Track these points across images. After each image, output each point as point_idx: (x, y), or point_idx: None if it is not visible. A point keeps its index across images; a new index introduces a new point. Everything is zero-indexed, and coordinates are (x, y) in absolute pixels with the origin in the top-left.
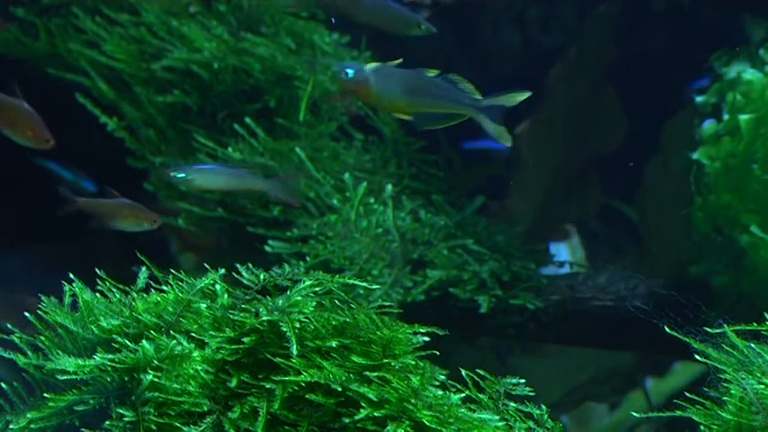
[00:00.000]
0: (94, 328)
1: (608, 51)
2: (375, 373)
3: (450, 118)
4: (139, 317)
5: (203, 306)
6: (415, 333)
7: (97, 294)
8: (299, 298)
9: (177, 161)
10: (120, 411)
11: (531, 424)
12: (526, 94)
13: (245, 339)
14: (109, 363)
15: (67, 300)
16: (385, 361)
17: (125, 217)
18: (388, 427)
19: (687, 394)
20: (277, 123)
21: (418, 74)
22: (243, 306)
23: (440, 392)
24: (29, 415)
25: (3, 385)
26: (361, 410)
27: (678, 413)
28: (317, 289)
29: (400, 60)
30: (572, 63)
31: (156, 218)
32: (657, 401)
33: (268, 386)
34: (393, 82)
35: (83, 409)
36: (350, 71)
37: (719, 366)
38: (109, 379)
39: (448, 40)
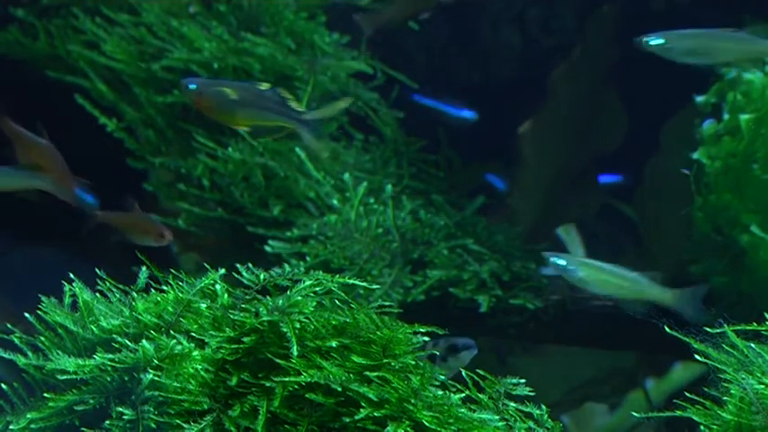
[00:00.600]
0: (94, 328)
1: (610, 51)
2: (375, 373)
3: (279, 130)
4: (139, 317)
5: (203, 306)
6: (415, 333)
7: (97, 294)
8: (299, 298)
9: (177, 161)
10: (121, 410)
11: (531, 424)
12: (347, 102)
13: (246, 339)
14: (109, 362)
15: (67, 300)
16: (385, 361)
17: (134, 230)
18: (388, 428)
19: (687, 394)
20: None
21: (250, 87)
22: (243, 306)
23: (440, 392)
24: (29, 415)
25: (3, 386)
26: (362, 410)
27: (678, 413)
28: (317, 289)
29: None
30: (574, 63)
31: (165, 234)
32: (657, 401)
33: (268, 385)
34: (229, 97)
35: (83, 408)
36: (192, 85)
37: (719, 366)
38: (109, 378)
39: (448, 41)
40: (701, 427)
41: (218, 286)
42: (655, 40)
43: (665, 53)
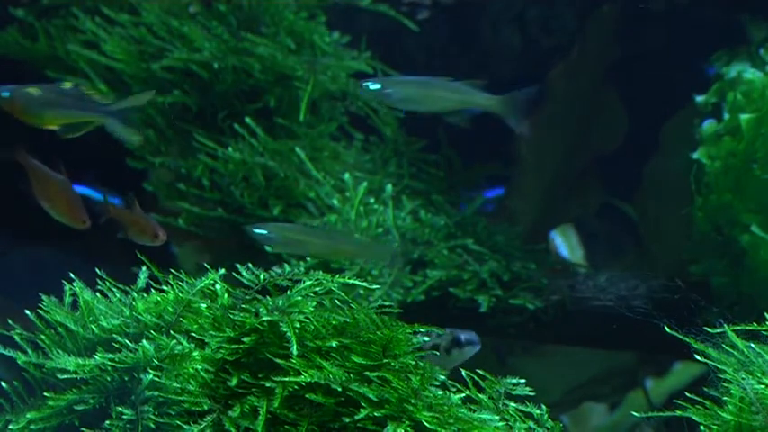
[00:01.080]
0: (95, 328)
1: (609, 51)
2: (375, 373)
3: (87, 125)
4: (140, 317)
5: (203, 306)
6: (415, 333)
7: (97, 294)
8: (299, 298)
9: (177, 161)
10: (120, 410)
11: (531, 424)
12: (149, 95)
13: (245, 339)
14: (109, 362)
15: (68, 299)
16: (385, 361)
17: (133, 227)
18: (388, 427)
19: (687, 394)
20: (277, 123)
21: (53, 87)
22: (243, 306)
23: (440, 392)
24: (28, 415)
25: (3, 385)
26: (361, 410)
27: (678, 413)
28: (317, 289)
29: None
30: (573, 63)
31: (159, 233)
32: (657, 401)
33: (268, 385)
34: (34, 98)
35: (83, 408)
36: (5, 93)
37: (719, 366)
38: (109, 378)
39: (448, 41)
40: (701, 427)
41: (217, 286)
42: (373, 86)
43: (383, 98)
